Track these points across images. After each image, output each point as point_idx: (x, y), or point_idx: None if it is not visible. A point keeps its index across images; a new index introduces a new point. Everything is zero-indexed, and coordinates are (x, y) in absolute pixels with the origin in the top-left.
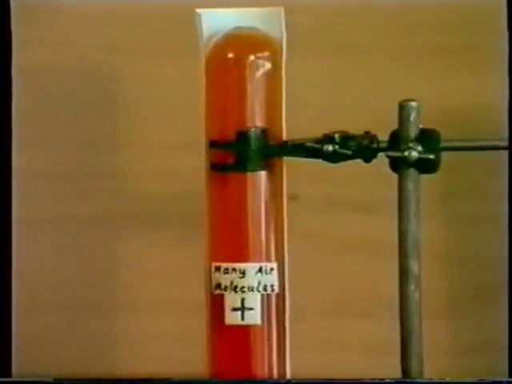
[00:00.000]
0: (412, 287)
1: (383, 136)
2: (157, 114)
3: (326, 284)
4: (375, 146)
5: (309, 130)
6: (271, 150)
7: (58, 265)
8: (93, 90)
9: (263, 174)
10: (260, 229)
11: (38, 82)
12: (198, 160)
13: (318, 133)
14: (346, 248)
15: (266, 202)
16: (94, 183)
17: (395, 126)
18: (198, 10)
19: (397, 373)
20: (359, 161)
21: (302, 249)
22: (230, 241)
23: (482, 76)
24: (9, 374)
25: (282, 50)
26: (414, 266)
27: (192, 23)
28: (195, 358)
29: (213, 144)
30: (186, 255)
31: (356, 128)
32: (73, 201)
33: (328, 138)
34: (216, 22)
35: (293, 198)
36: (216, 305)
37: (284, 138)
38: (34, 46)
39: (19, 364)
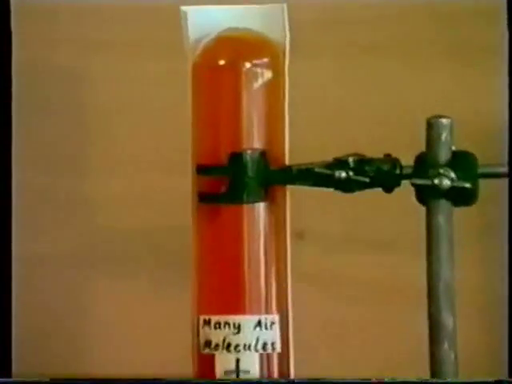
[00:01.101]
0: (445, 345)
1: (407, 160)
2: (134, 132)
3: (339, 340)
4: (398, 171)
5: (317, 153)
6: (272, 177)
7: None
8: (58, 99)
9: (262, 205)
10: (258, 273)
11: None
12: (183, 189)
13: (329, 156)
14: (364, 297)
15: (266, 241)
16: (55, 215)
17: (422, 148)
18: (184, 8)
19: None
20: (378, 190)
21: (310, 298)
22: (223, 288)
23: None
24: (9, 375)
25: (284, 54)
26: (447, 319)
27: (177, 22)
28: None
29: (201, 169)
30: (168, 306)
31: (374, 150)
32: (34, 236)
33: (340, 163)
34: (205, 21)
35: (298, 235)
36: (205, 367)
37: (287, 162)
38: None
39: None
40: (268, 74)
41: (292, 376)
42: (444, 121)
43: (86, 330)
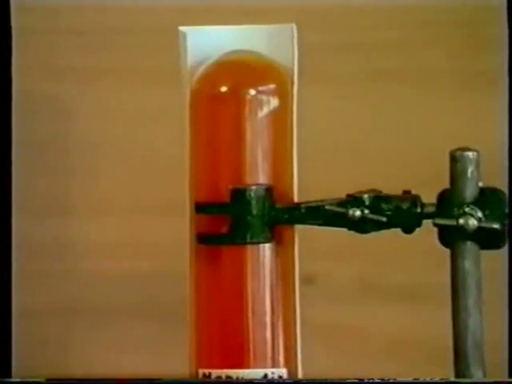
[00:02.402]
0: None
1: (429, 197)
2: (124, 169)
3: None
4: (419, 210)
5: (329, 189)
6: (278, 215)
7: None
8: (43, 132)
9: (268, 247)
10: (264, 322)
11: None
12: (177, 230)
13: (341, 192)
14: (383, 351)
15: (272, 286)
16: (34, 263)
17: (446, 184)
18: (182, 28)
19: None
20: (397, 231)
21: (322, 351)
22: (224, 339)
23: None
24: (9, 375)
25: (292, 80)
26: (476, 376)
27: (175, 44)
28: None
29: (200, 207)
30: (163, 360)
31: (392, 186)
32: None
33: (354, 200)
34: (206, 43)
35: (308, 281)
36: None
37: (295, 199)
38: None
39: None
40: (274, 102)
41: None
42: (470, 154)
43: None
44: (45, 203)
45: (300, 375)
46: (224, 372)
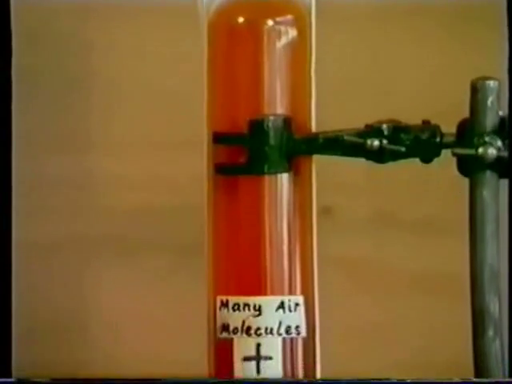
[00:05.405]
0: (490, 333)
1: (449, 127)
2: (139, 101)
3: (368, 329)
4: (438, 140)
5: (347, 119)
6: (296, 146)
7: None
8: (59, 69)
9: (285, 177)
10: (281, 250)
11: None
12: (196, 160)
13: (360, 123)
14: (398, 281)
15: (290, 215)
16: (54, 196)
17: (465, 114)
18: None
19: None
20: (416, 161)
21: (337, 280)
22: (242, 267)
23: None
24: (9, 374)
25: (310, 12)
26: (492, 305)
27: None
28: None
29: (218, 138)
30: (180, 289)
31: (411, 116)
32: (30, 220)
33: (373, 130)
34: None
35: (325, 211)
36: (222, 353)
37: (313, 129)
38: None
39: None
40: (292, 33)
41: (318, 363)
42: (491, 83)
43: (90, 319)
44: (64, 139)
45: (316, 303)
46: (241, 299)
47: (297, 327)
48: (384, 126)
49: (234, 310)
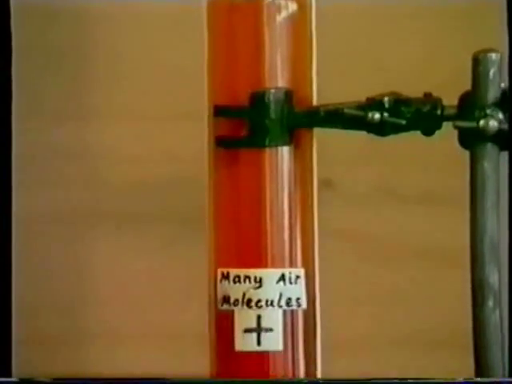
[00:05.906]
0: (490, 304)
1: (450, 100)
2: (139, 73)
3: (368, 300)
4: (439, 112)
5: (348, 92)
6: (297, 119)
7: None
8: (61, 42)
9: (286, 150)
10: (282, 223)
11: None
12: (197, 135)
13: (361, 96)
14: (398, 253)
15: (290, 189)
16: (51, 168)
17: (467, 86)
18: None
19: None
20: (417, 133)
21: (338, 252)
22: (243, 239)
23: None
24: (9, 374)
25: None
26: (491, 277)
27: None
28: None
29: (219, 110)
30: (180, 261)
31: (412, 89)
32: (30, 190)
33: (374, 103)
34: None
35: (326, 184)
36: (223, 325)
37: (314, 102)
38: None
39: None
40: (293, 6)
41: (318, 335)
42: (493, 55)
43: (89, 292)
44: (64, 109)
45: (317, 276)
46: (242, 271)
47: (297, 299)
48: (385, 99)
49: (234, 282)
